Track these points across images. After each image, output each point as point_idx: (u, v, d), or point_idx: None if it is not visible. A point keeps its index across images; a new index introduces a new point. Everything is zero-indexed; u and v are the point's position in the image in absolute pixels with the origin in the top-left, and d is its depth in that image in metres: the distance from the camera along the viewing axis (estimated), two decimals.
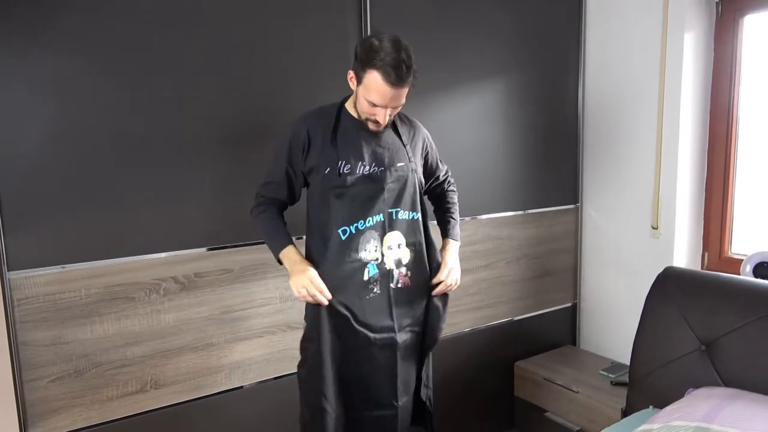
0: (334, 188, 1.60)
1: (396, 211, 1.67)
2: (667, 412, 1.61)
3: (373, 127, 1.61)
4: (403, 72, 1.48)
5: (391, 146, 1.68)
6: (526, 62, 2.53)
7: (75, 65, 1.62)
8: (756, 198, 2.32)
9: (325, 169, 1.60)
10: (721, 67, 2.32)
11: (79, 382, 1.71)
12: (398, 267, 1.67)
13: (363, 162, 1.62)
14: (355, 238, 1.62)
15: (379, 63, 1.47)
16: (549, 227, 2.71)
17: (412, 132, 1.76)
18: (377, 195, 1.63)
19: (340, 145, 1.62)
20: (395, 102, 1.55)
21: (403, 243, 1.68)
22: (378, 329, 1.66)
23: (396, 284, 1.67)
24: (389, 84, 1.49)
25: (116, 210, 1.72)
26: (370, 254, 1.63)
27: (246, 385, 1.99)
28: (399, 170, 1.67)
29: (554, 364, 2.59)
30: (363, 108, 1.58)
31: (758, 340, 1.68)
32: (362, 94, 1.55)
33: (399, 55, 1.47)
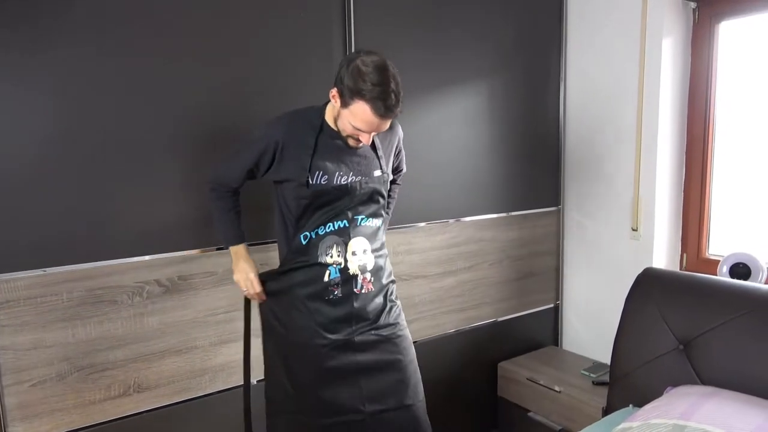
0: (301, 198, 1.60)
1: (361, 218, 1.67)
2: (646, 411, 1.64)
3: (353, 144, 1.61)
4: (392, 104, 1.47)
5: (367, 155, 1.68)
6: (509, 67, 2.56)
7: (56, 69, 1.61)
8: (732, 200, 2.37)
9: (295, 179, 1.60)
10: (698, 72, 2.37)
11: (61, 386, 1.69)
12: (363, 272, 1.67)
13: (340, 172, 1.63)
14: (315, 243, 1.63)
15: (368, 95, 1.45)
16: (531, 229, 2.74)
17: (389, 136, 1.76)
18: (344, 203, 1.64)
19: (318, 156, 1.61)
20: (380, 130, 1.56)
21: (369, 249, 1.68)
22: (333, 330, 1.65)
23: (360, 289, 1.67)
24: (378, 116, 1.48)
25: (98, 212, 1.71)
26: (331, 258, 1.63)
27: (230, 388, 1.99)
28: (373, 181, 1.68)
29: (537, 364, 2.62)
30: (345, 129, 1.57)
31: (734, 339, 1.72)
32: (347, 117, 1.53)
33: (388, 87, 1.46)
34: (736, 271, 2.14)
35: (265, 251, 1.98)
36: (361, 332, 1.68)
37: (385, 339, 1.72)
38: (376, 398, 1.69)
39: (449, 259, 2.46)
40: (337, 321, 1.66)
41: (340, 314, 1.65)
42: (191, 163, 1.84)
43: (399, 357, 1.73)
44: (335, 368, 1.66)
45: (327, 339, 1.65)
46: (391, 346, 1.72)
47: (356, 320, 1.67)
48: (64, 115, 1.64)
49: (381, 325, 1.71)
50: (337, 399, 1.67)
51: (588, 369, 2.53)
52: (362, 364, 1.68)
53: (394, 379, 1.72)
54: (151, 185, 1.78)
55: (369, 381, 1.69)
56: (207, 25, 1.83)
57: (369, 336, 1.69)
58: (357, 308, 1.67)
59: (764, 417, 1.46)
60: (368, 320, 1.69)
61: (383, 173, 1.71)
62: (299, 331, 1.67)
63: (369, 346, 1.69)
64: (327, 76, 2.06)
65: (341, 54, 2.08)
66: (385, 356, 1.71)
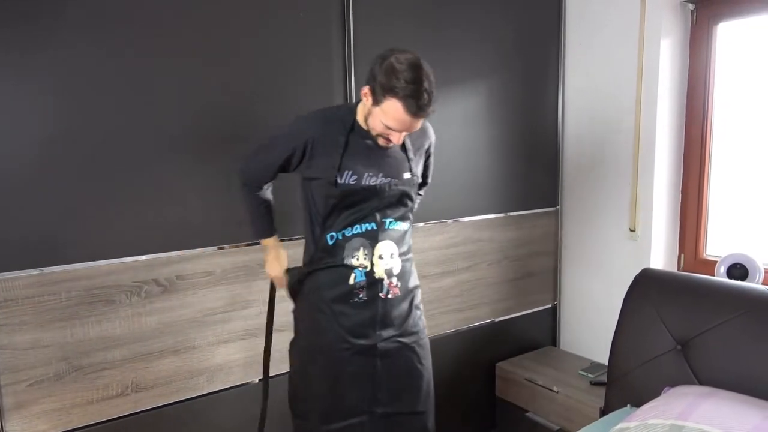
0: (329, 197, 1.58)
1: (389, 221, 1.64)
2: (644, 411, 1.64)
3: (384, 144, 1.58)
4: (425, 102, 1.45)
5: (398, 156, 1.65)
6: (508, 67, 2.56)
7: (55, 69, 1.61)
8: (729, 201, 2.37)
9: (324, 177, 1.58)
10: (696, 73, 2.38)
11: (58, 386, 1.69)
12: (389, 277, 1.64)
13: (370, 173, 1.60)
14: (342, 244, 1.60)
15: (401, 92, 1.43)
16: (530, 229, 2.75)
17: (419, 138, 1.72)
18: (373, 204, 1.60)
19: (348, 156, 1.58)
20: (412, 129, 1.53)
21: (396, 253, 1.65)
22: (358, 335, 1.63)
23: (386, 294, 1.64)
24: (410, 114, 1.45)
25: (96, 212, 1.71)
26: (357, 261, 1.60)
27: (228, 388, 1.99)
28: (403, 183, 1.65)
29: (535, 364, 2.62)
30: (376, 127, 1.54)
31: (731, 339, 1.72)
32: (378, 115, 1.50)
33: (421, 86, 1.43)
34: (733, 272, 2.15)
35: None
36: (384, 339, 1.65)
37: (406, 346, 1.69)
38: (389, 402, 1.68)
39: (447, 260, 2.46)
40: (362, 325, 1.63)
41: (364, 318, 1.63)
42: (190, 162, 1.84)
43: (417, 365, 1.72)
44: (353, 373, 1.65)
45: (349, 343, 1.63)
46: (411, 353, 1.71)
47: (381, 325, 1.64)
48: (64, 115, 1.64)
49: (404, 332, 1.69)
50: (347, 401, 1.66)
51: (586, 369, 2.53)
52: (380, 370, 1.66)
53: (409, 385, 1.71)
54: (149, 185, 1.78)
55: (384, 386, 1.67)
56: (206, 24, 1.83)
57: (391, 344, 1.67)
58: (382, 313, 1.64)
59: (761, 417, 1.46)
60: (393, 326, 1.66)
61: (413, 176, 1.68)
62: (322, 334, 1.65)
63: (390, 353, 1.67)
64: (326, 75, 2.07)
65: (340, 53, 2.08)
66: (404, 363, 1.70)
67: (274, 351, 1.96)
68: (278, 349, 2.07)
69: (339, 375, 1.65)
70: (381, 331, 1.65)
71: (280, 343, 2.06)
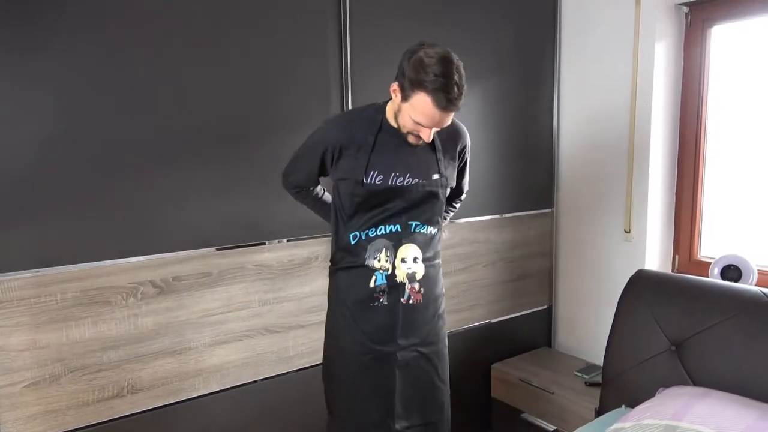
0: (355, 196, 1.56)
1: (415, 224, 1.60)
2: (639, 411, 1.65)
3: (414, 141, 1.55)
4: (454, 96, 1.41)
5: (427, 157, 1.61)
6: (503, 69, 2.58)
7: (52, 70, 1.61)
8: (723, 202, 2.39)
9: (351, 176, 1.56)
10: (690, 75, 2.39)
11: (54, 387, 1.69)
12: (411, 282, 1.60)
13: (397, 173, 1.56)
14: (364, 245, 1.58)
15: (430, 86, 1.39)
16: (525, 231, 2.76)
17: (451, 139, 1.67)
18: (399, 205, 1.57)
19: (375, 156, 1.56)
20: (441, 124, 1.49)
21: (420, 257, 1.61)
22: (378, 341, 1.60)
23: (407, 299, 1.60)
24: (440, 108, 1.41)
25: (92, 213, 1.71)
26: (379, 263, 1.58)
27: (224, 390, 1.99)
28: (430, 184, 1.61)
29: (530, 365, 2.63)
30: (406, 124, 1.51)
31: (725, 340, 1.74)
32: (407, 111, 1.47)
33: (451, 79, 1.39)
34: (727, 273, 2.16)
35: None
36: (404, 348, 1.62)
37: (425, 357, 1.67)
38: (406, 415, 1.66)
39: (444, 261, 2.44)
40: (382, 331, 1.60)
41: (384, 324, 1.59)
42: (187, 163, 1.84)
43: (433, 377, 1.70)
44: (372, 380, 1.62)
45: (368, 348, 1.60)
46: (428, 365, 1.68)
47: (402, 333, 1.61)
48: (61, 116, 1.64)
49: (425, 341, 1.66)
50: (368, 412, 1.64)
51: (581, 370, 2.54)
52: (399, 382, 1.63)
53: (424, 396, 1.69)
54: (146, 186, 1.78)
55: (402, 397, 1.65)
56: (204, 26, 1.83)
57: (411, 353, 1.64)
58: (403, 320, 1.60)
59: (754, 418, 1.48)
60: (414, 335, 1.63)
61: (441, 176, 1.63)
62: (340, 337, 1.63)
63: (410, 363, 1.64)
64: (323, 77, 2.07)
65: (336, 54, 2.09)
66: (421, 375, 1.67)
67: (271, 353, 1.96)
68: (273, 350, 2.07)
69: (357, 380, 1.62)
70: (401, 339, 1.61)
71: (274, 345, 2.08)
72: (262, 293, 2.02)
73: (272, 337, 2.06)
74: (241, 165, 1.93)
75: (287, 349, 2.10)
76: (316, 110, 2.03)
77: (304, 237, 2.08)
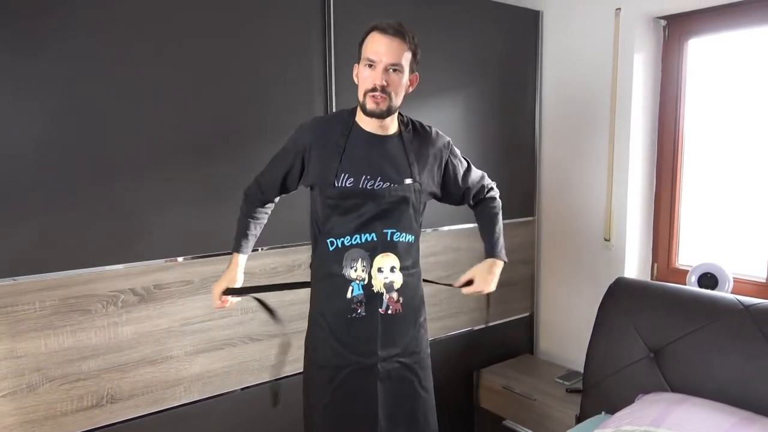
0: (328, 198, 1.55)
1: (392, 232, 1.58)
2: (618, 418, 1.68)
3: (371, 104, 1.50)
4: (401, 28, 1.49)
5: (399, 161, 1.60)
6: (486, 80, 2.60)
7: (30, 77, 1.60)
8: (701, 211, 2.44)
9: (323, 180, 1.56)
10: (668, 87, 2.44)
11: (32, 397, 1.66)
12: (389, 291, 1.58)
13: (367, 176, 1.55)
14: (341, 253, 1.56)
15: (376, 23, 1.50)
16: (508, 239, 2.74)
17: (425, 146, 1.66)
18: (372, 212, 1.55)
19: (346, 158, 1.56)
20: (390, 58, 1.48)
21: (397, 267, 1.59)
22: (358, 353, 1.58)
23: (385, 310, 1.58)
24: (385, 35, 1.48)
25: (72, 221, 1.69)
26: (355, 272, 1.56)
27: (206, 398, 1.97)
28: (402, 189, 1.58)
29: (513, 372, 2.65)
30: (361, 80, 1.53)
31: (702, 347, 1.77)
32: (361, 64, 1.52)
33: (395, 21, 1.50)
34: (704, 281, 2.20)
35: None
36: (385, 360, 1.60)
37: (407, 367, 1.64)
38: (389, 428, 1.63)
39: (426, 269, 2.44)
40: (361, 342, 1.58)
41: (363, 335, 1.57)
42: (169, 172, 1.83)
43: (417, 387, 1.67)
44: (353, 393, 1.60)
45: (347, 360, 1.58)
46: (411, 375, 1.65)
47: (382, 344, 1.59)
48: (37, 124, 1.62)
49: (406, 353, 1.63)
50: (348, 423, 1.61)
51: (562, 377, 2.57)
52: (381, 394, 1.60)
53: (408, 407, 1.66)
54: (127, 193, 1.77)
55: (385, 410, 1.61)
56: (186, 32, 1.83)
57: (392, 365, 1.61)
58: (383, 330, 1.58)
59: (731, 423, 1.51)
60: (394, 346, 1.60)
61: (415, 182, 1.61)
62: (319, 349, 1.61)
63: (391, 375, 1.61)
64: (307, 83, 2.07)
65: (321, 63, 2.10)
66: (404, 386, 1.64)
67: (253, 361, 1.96)
68: (256, 359, 2.07)
69: (339, 394, 1.60)
70: (381, 351, 1.59)
71: (257, 353, 2.07)
72: (245, 301, 2.01)
73: (255, 345, 2.05)
74: (223, 172, 1.93)
75: (269, 357, 2.09)
76: (299, 116, 2.02)
77: (286, 245, 2.08)
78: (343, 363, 1.59)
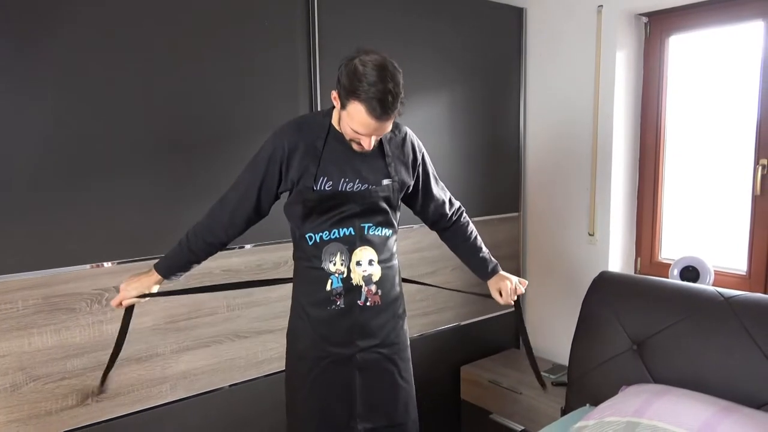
0: (306, 201, 1.55)
1: (368, 226, 1.60)
2: (602, 409, 1.70)
3: (357, 149, 1.54)
4: (388, 104, 1.39)
5: (376, 162, 1.60)
6: (470, 77, 2.62)
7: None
8: (683, 206, 2.47)
9: (301, 183, 1.55)
10: (650, 83, 2.47)
11: (15, 397, 1.65)
12: (368, 284, 1.60)
13: (346, 179, 1.56)
14: (320, 247, 1.57)
15: (363, 95, 1.38)
16: (493, 234, 2.80)
17: (400, 143, 1.66)
18: (351, 209, 1.56)
19: (324, 162, 1.55)
20: (380, 132, 1.48)
21: (375, 260, 1.61)
22: (336, 343, 1.61)
23: (364, 302, 1.60)
24: (374, 118, 1.40)
25: (55, 219, 1.68)
26: (334, 266, 1.57)
27: (193, 396, 1.96)
28: (382, 190, 1.59)
29: (499, 366, 2.67)
30: (346, 132, 1.50)
31: (683, 338, 1.80)
32: (345, 119, 1.47)
33: (385, 86, 1.38)
34: (686, 274, 2.24)
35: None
36: (363, 350, 1.62)
37: (386, 358, 1.66)
38: (369, 416, 1.65)
39: (411, 265, 2.49)
40: (339, 333, 1.60)
41: (342, 326, 1.59)
42: (152, 169, 1.83)
43: (396, 377, 1.69)
44: (331, 383, 1.62)
45: (326, 351, 1.60)
46: (390, 365, 1.67)
47: (360, 335, 1.61)
48: (17, 122, 1.60)
49: (384, 343, 1.65)
50: (330, 415, 1.63)
51: (548, 370, 2.59)
52: (359, 383, 1.63)
53: (387, 397, 1.68)
54: (109, 191, 1.76)
55: (363, 398, 1.64)
56: (171, 29, 1.82)
57: (370, 354, 1.63)
58: (361, 322, 1.60)
59: (711, 412, 1.53)
60: (373, 336, 1.62)
61: (393, 181, 1.62)
62: (300, 340, 1.63)
63: (369, 364, 1.64)
64: (291, 82, 2.07)
65: (305, 59, 2.09)
66: (383, 375, 1.66)
67: (240, 358, 1.96)
68: (242, 356, 2.07)
69: (317, 383, 1.62)
70: (359, 341, 1.61)
71: (243, 350, 2.07)
72: (231, 298, 2.01)
73: (241, 343, 2.05)
74: (206, 170, 1.92)
75: (257, 354, 2.09)
76: (284, 112, 2.02)
77: (272, 242, 2.08)
78: (322, 354, 1.61)
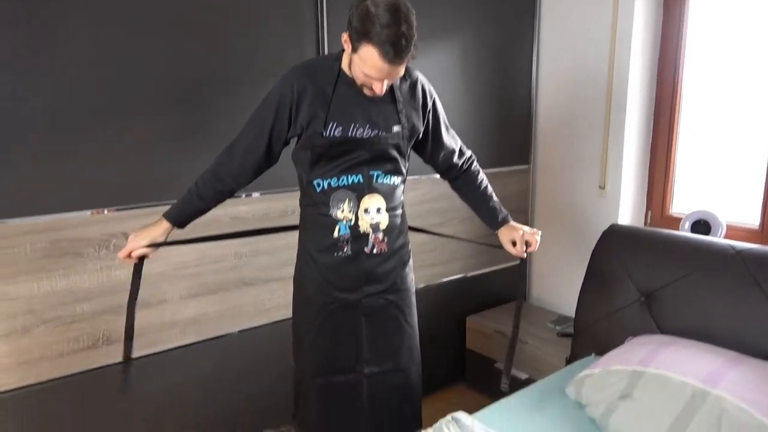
0: (315, 147, 1.52)
1: (377, 174, 1.58)
2: (607, 359, 1.70)
3: (369, 94, 1.50)
4: (402, 48, 1.34)
5: (387, 108, 1.56)
6: (482, 25, 2.53)
7: (22, 19, 1.53)
8: (696, 159, 2.42)
9: (310, 129, 1.51)
10: (668, 34, 2.38)
11: (26, 339, 1.67)
12: (375, 232, 1.59)
13: (356, 124, 1.52)
14: (328, 194, 1.56)
15: (376, 38, 1.33)
16: (502, 187, 2.76)
17: (410, 88, 1.62)
18: (360, 156, 1.54)
19: (334, 107, 1.51)
20: (392, 77, 1.44)
21: (383, 207, 1.59)
22: (343, 289, 1.61)
23: (371, 249, 1.60)
24: (387, 61, 1.35)
25: (62, 163, 1.66)
26: (342, 213, 1.56)
27: (202, 341, 1.99)
28: (392, 137, 1.56)
29: (505, 317, 2.69)
30: (357, 76, 1.46)
31: (693, 291, 1.79)
32: (357, 63, 1.42)
33: (399, 28, 1.32)
34: (697, 228, 2.21)
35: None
36: (369, 295, 1.63)
37: (392, 303, 1.67)
38: (375, 361, 1.67)
39: (420, 216, 2.47)
40: (346, 279, 1.60)
41: (349, 273, 1.60)
42: (159, 115, 1.80)
43: (402, 323, 1.70)
44: (338, 328, 1.63)
45: (333, 297, 1.61)
46: (396, 311, 1.68)
47: (366, 281, 1.62)
48: (28, 66, 1.57)
49: (390, 289, 1.66)
50: (336, 358, 1.65)
51: (553, 321, 2.61)
52: (365, 328, 1.65)
53: (394, 343, 1.70)
54: (118, 137, 1.73)
55: (370, 343, 1.66)
56: None
57: (377, 300, 1.64)
58: (368, 269, 1.60)
59: (718, 363, 1.53)
60: (379, 282, 1.63)
61: (404, 128, 1.58)
62: (307, 285, 1.64)
63: (376, 309, 1.65)
64: (297, 26, 2.01)
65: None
66: (389, 321, 1.67)
67: (247, 305, 1.96)
68: (249, 303, 2.08)
69: (324, 328, 1.64)
70: (366, 287, 1.62)
71: (251, 297, 2.08)
72: (238, 246, 2.01)
73: (249, 290, 2.06)
74: (212, 117, 1.89)
75: (264, 302, 2.10)
76: (291, 58, 1.96)
77: (279, 190, 2.06)
78: (328, 299, 1.62)
